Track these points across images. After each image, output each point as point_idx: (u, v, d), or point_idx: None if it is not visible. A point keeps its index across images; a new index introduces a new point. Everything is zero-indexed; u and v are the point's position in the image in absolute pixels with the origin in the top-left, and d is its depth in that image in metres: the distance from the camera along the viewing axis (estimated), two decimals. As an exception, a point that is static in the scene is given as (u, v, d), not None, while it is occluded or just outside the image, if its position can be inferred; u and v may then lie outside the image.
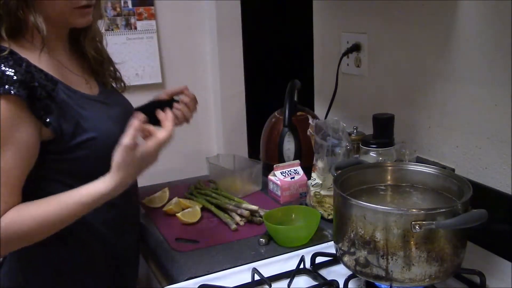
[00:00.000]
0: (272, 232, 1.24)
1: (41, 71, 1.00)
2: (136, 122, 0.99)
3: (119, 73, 1.27)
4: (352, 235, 0.95)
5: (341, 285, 1.01)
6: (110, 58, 1.25)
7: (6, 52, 0.96)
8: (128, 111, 1.22)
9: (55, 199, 0.99)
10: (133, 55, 2.14)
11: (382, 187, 1.12)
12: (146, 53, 2.15)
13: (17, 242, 0.99)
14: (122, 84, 1.28)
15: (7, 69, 0.94)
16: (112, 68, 1.25)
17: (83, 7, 1.06)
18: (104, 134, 1.08)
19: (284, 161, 1.58)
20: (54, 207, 0.98)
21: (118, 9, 2.09)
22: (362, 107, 1.63)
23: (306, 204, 1.40)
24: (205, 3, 2.22)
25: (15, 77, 0.94)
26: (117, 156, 0.99)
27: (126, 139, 0.98)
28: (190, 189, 1.57)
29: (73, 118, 1.04)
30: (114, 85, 1.26)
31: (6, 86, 0.93)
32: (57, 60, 1.08)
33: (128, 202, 1.22)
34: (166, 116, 1.07)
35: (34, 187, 1.01)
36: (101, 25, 1.22)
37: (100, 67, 1.21)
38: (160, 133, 1.03)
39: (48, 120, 0.99)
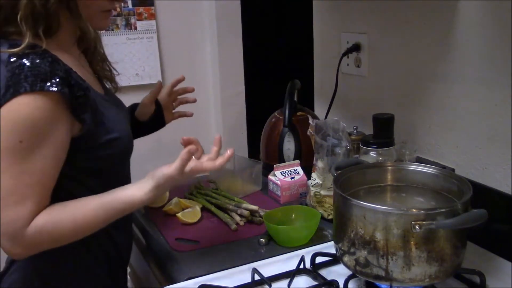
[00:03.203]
0: (272, 232, 1.24)
1: (71, 69, 1.00)
2: (186, 155, 1.01)
3: (113, 73, 1.27)
4: (352, 235, 0.95)
5: (341, 285, 1.01)
6: (107, 58, 1.25)
7: (41, 50, 0.96)
8: (126, 113, 1.24)
9: (93, 202, 1.01)
10: (133, 55, 2.14)
11: (382, 187, 1.12)
12: (146, 53, 2.16)
13: (49, 243, 0.99)
14: (115, 84, 1.28)
15: (48, 66, 0.94)
16: (108, 68, 1.25)
17: (108, 11, 1.09)
18: (124, 135, 1.11)
19: (284, 161, 1.58)
20: (92, 211, 1.00)
21: (118, 9, 2.09)
22: (362, 107, 1.63)
23: (306, 204, 1.40)
24: (205, 3, 2.22)
25: (57, 75, 0.94)
26: (161, 179, 1.02)
27: (175, 171, 1.01)
28: (190, 189, 1.57)
29: (100, 118, 1.05)
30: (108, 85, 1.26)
31: (49, 83, 0.93)
32: (77, 60, 1.09)
33: None
34: (225, 155, 1.07)
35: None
36: None
37: (101, 67, 1.21)
38: (208, 164, 1.06)
39: (84, 118, 0.99)
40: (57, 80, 0.94)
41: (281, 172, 1.48)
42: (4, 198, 0.93)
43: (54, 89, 0.93)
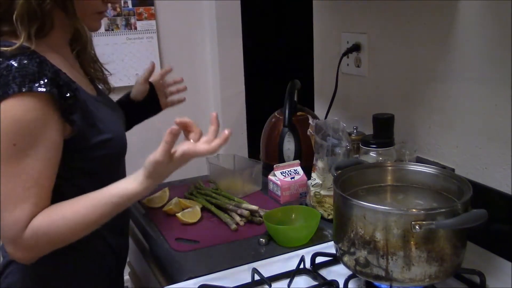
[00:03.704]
0: (272, 232, 1.24)
1: (60, 70, 1.00)
2: (168, 137, 0.96)
3: (104, 74, 1.26)
4: (352, 235, 0.95)
5: (341, 285, 1.01)
6: (98, 59, 1.25)
7: (29, 51, 0.95)
8: (120, 113, 1.24)
9: (84, 200, 0.99)
10: (133, 55, 2.15)
11: (382, 187, 1.12)
12: (146, 53, 2.16)
13: (47, 245, 0.98)
14: (107, 85, 1.27)
15: (36, 67, 0.93)
16: (99, 69, 1.25)
17: (101, 13, 1.09)
18: (117, 136, 1.10)
19: (284, 161, 1.58)
20: (85, 209, 0.98)
21: (118, 9, 2.09)
22: (362, 107, 1.63)
23: (306, 204, 1.40)
24: (205, 3, 2.22)
25: (45, 75, 0.94)
26: (150, 167, 0.97)
27: (160, 155, 0.96)
28: (190, 189, 1.57)
29: (92, 119, 1.04)
30: (100, 86, 1.26)
31: (37, 84, 0.92)
32: (67, 62, 1.08)
33: None
34: (222, 135, 1.00)
35: None
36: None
37: (92, 68, 1.21)
38: (202, 148, 0.99)
39: (73, 119, 0.99)
40: (46, 80, 0.93)
41: (281, 172, 1.48)
42: (2, 202, 0.93)
43: (43, 89, 0.93)
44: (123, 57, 2.11)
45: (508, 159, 1.16)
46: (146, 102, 1.40)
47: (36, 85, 0.92)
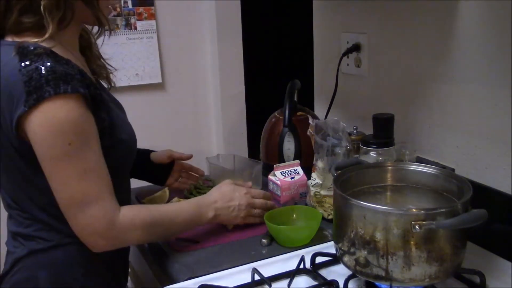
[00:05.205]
0: (273, 232, 1.24)
1: (83, 70, 1.01)
2: (259, 202, 1.29)
3: (108, 70, 1.27)
4: (352, 235, 0.95)
5: (341, 285, 1.01)
6: (101, 55, 1.25)
7: (49, 51, 0.96)
8: (125, 114, 1.24)
9: (170, 207, 1.21)
10: (133, 55, 2.14)
11: (382, 187, 1.12)
12: (146, 53, 2.15)
13: (141, 231, 1.07)
14: (110, 82, 1.27)
15: (65, 68, 0.95)
16: (103, 65, 1.25)
17: (110, 7, 1.12)
18: (130, 137, 1.12)
19: (284, 161, 1.58)
20: (171, 212, 1.15)
21: (118, 9, 2.09)
22: (362, 107, 1.63)
23: (306, 204, 1.40)
24: (205, 3, 2.22)
25: (75, 76, 0.95)
26: (228, 219, 1.24)
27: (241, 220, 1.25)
28: (190, 189, 1.56)
29: (111, 118, 1.06)
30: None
31: (70, 85, 0.94)
32: (79, 62, 1.09)
33: (128, 198, 1.23)
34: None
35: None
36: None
37: (97, 65, 1.21)
38: (268, 204, 1.32)
39: (102, 117, 1.01)
40: (76, 82, 0.95)
41: (281, 172, 1.48)
42: (82, 200, 0.97)
43: (77, 90, 0.94)
44: (123, 57, 2.11)
45: (508, 159, 1.16)
46: (157, 167, 1.48)
47: (70, 86, 0.94)
